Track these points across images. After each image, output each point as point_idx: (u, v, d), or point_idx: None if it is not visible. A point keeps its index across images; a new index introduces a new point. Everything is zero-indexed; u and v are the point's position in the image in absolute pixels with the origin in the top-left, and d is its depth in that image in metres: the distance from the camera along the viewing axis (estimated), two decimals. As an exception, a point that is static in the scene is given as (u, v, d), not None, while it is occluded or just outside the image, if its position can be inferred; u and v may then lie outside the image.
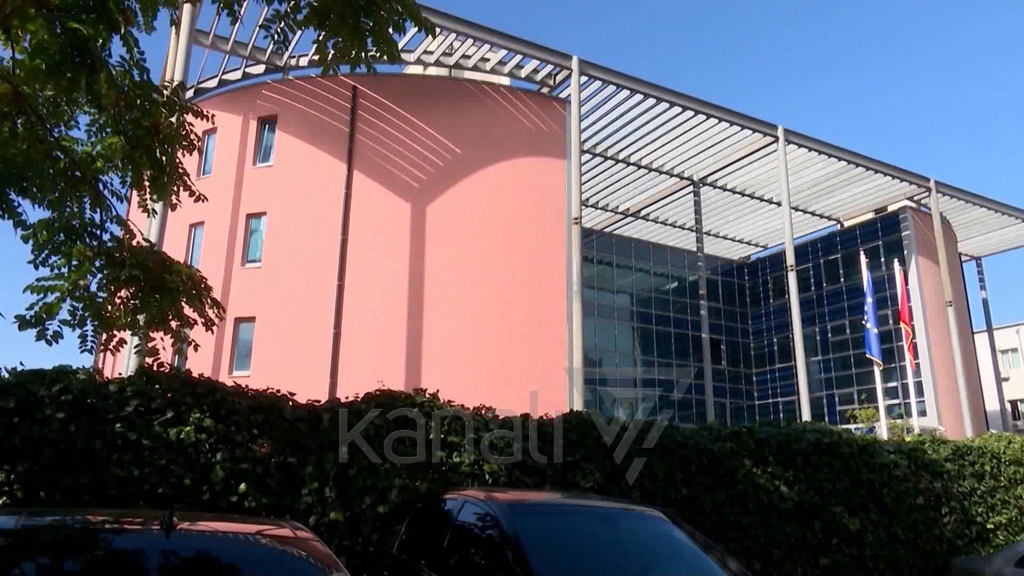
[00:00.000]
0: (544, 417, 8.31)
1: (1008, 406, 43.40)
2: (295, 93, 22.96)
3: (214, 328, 6.73)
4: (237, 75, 24.72)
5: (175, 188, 6.13)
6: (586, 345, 29.63)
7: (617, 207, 36.12)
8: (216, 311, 6.63)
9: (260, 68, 24.40)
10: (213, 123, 6.29)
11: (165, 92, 5.69)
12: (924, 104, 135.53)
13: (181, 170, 6.14)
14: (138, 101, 5.29)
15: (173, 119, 5.79)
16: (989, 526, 11.50)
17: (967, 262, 38.96)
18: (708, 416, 32.01)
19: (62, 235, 5.63)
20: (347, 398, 7.67)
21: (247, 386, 7.12)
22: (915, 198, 33.90)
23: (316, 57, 5.05)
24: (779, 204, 32.09)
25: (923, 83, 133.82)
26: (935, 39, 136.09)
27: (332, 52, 4.97)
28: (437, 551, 5.14)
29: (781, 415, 38.60)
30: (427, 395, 7.86)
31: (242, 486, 6.40)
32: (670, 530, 5.20)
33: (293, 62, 24.31)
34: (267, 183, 22.64)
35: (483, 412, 8.05)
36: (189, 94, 23.06)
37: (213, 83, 24.94)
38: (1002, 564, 9.73)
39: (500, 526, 4.59)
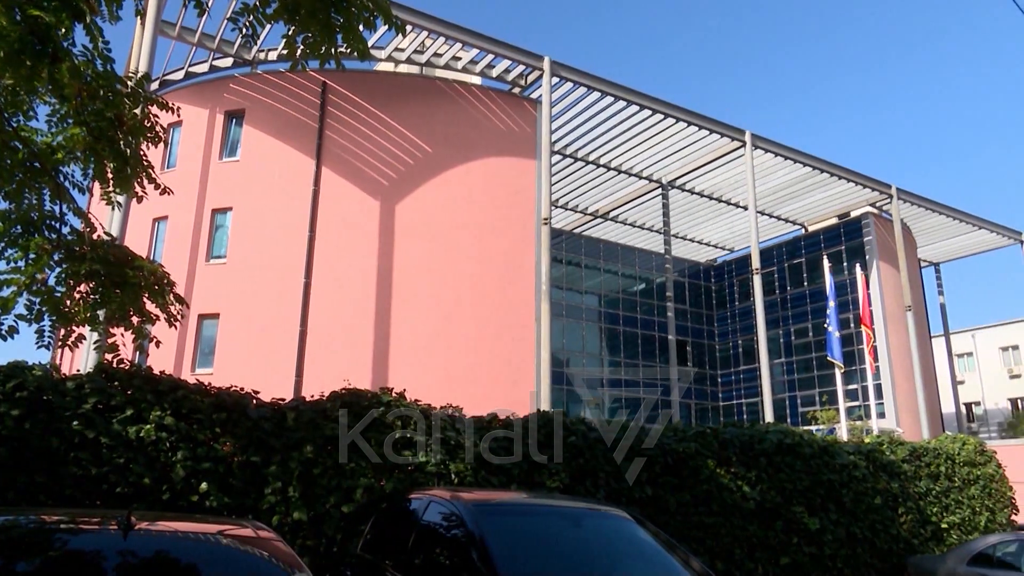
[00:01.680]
0: (512, 417, 8.32)
1: (963, 409, 44.56)
2: (263, 87, 22.67)
3: (177, 325, 6.62)
4: (204, 68, 24.33)
5: (139, 181, 6.01)
6: (554, 345, 29.76)
7: (586, 208, 36.30)
8: (179, 307, 6.52)
9: (228, 61, 24.03)
10: (179, 116, 6.18)
11: (129, 83, 5.58)
12: (887, 112, 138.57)
13: (145, 163, 6.03)
14: (101, 92, 5.19)
15: (137, 111, 5.68)
16: (943, 525, 11.80)
17: (926, 268, 39.87)
18: (674, 417, 32.33)
19: (19, 227, 5.50)
20: (313, 397, 7.61)
21: (210, 384, 7.03)
22: (877, 204, 34.61)
23: (285, 52, 5.00)
24: (745, 208, 32.54)
25: (887, 92, 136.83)
26: (899, 51, 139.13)
27: (301, 47, 4.92)
28: (402, 551, 5.11)
29: (745, 416, 39.14)
30: (394, 394, 7.83)
31: (203, 485, 6.31)
32: (635, 530, 5.24)
33: (262, 56, 23.98)
34: (234, 178, 22.32)
35: (450, 411, 8.04)
36: (154, 86, 22.63)
37: (179, 75, 24.52)
38: (955, 563, 9.99)
39: (465, 526, 4.58)
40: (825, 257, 23.27)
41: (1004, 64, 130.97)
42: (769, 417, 24.45)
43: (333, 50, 4.92)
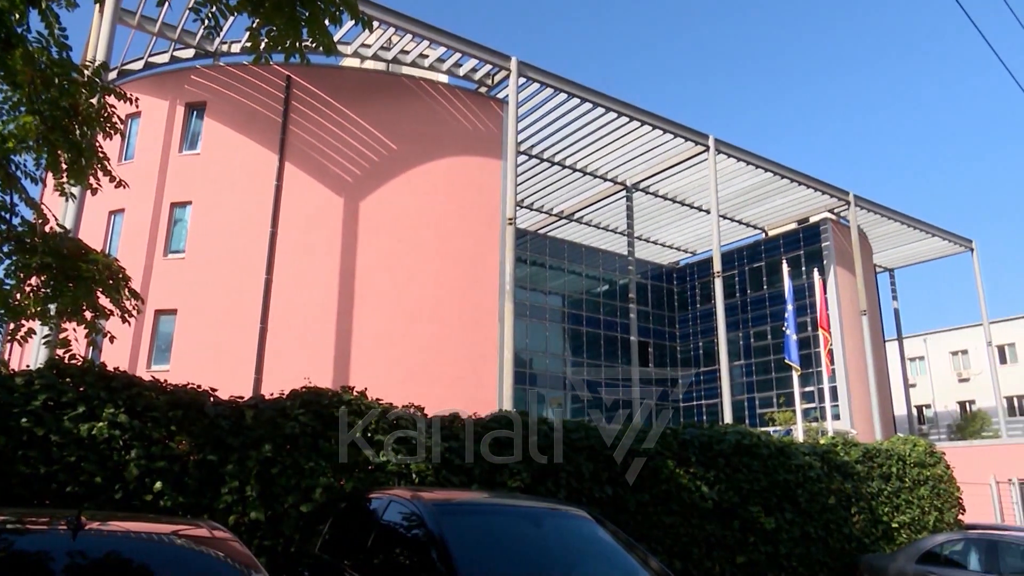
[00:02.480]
0: (473, 416, 8.32)
1: (914, 411, 45.77)
2: (226, 80, 22.29)
3: (132, 320, 6.48)
4: (164, 58, 23.82)
5: (94, 172, 5.87)
6: (517, 345, 29.80)
7: (551, 209, 36.44)
8: (134, 302, 6.39)
9: (189, 52, 23.57)
10: (137, 107, 6.05)
11: (86, 72, 5.45)
12: (847, 121, 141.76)
13: (101, 154, 5.89)
14: (56, 80, 5.06)
15: (94, 100, 5.55)
16: (894, 525, 12.10)
17: (881, 273, 40.84)
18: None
19: (-33, 218, 5.33)
20: (273, 395, 7.50)
21: (166, 381, 6.89)
22: (835, 210, 35.34)
23: (249, 44, 4.92)
24: (708, 212, 32.99)
25: (847, 102, 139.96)
26: (859, 64, 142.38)
27: (266, 40, 4.85)
28: (361, 551, 5.07)
29: (704, 417, 39.65)
30: (355, 393, 7.77)
31: (158, 484, 6.17)
32: (594, 530, 5.27)
33: (224, 48, 23.57)
34: (193, 171, 21.90)
35: (412, 411, 8.00)
36: (112, 76, 22.08)
37: (139, 65, 23.95)
38: (904, 561, 10.25)
39: (426, 525, 4.56)
40: (784, 261, 23.64)
41: (961, 78, 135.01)
42: (728, 418, 24.81)
43: (298, 44, 4.86)
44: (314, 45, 5.00)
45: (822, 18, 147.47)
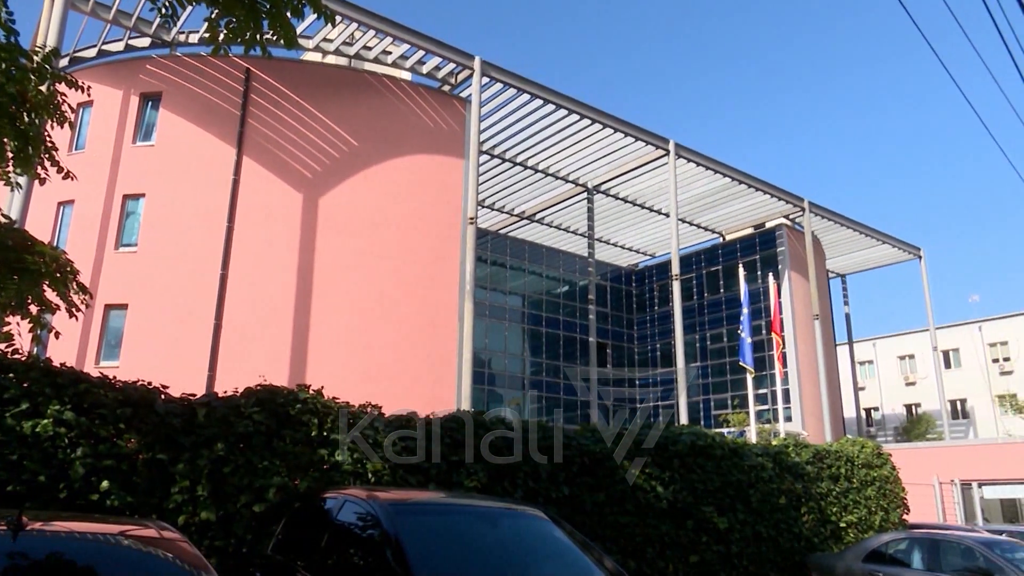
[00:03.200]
0: (431, 416, 8.28)
1: (863, 413, 46.95)
2: (183, 71, 21.81)
3: (79, 315, 6.29)
4: (119, 47, 23.23)
5: (41, 162, 5.69)
6: (476, 345, 29.79)
7: (512, 210, 36.51)
8: (83, 296, 6.21)
9: (145, 41, 23.03)
10: (89, 95, 5.88)
11: (35, 58, 5.28)
12: (802, 129, 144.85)
13: (49, 143, 5.71)
14: (3, 65, 4.89)
15: (43, 88, 5.38)
16: (842, 524, 12.39)
17: (833, 279, 41.82)
18: (592, 417, 32.84)
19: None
20: (226, 393, 7.37)
21: (115, 377, 6.71)
22: (790, 216, 36.09)
23: (207, 35, 4.82)
24: (667, 215, 33.40)
25: (804, 111, 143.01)
26: (819, 74, 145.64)
27: (225, 32, 4.76)
28: (315, 551, 5.01)
29: (661, 418, 40.09)
30: (311, 391, 7.68)
31: (104, 483, 6.01)
32: (550, 530, 5.29)
33: (182, 38, 23.09)
34: (148, 163, 21.38)
35: (369, 410, 7.93)
36: (63, 63, 21.47)
37: (92, 53, 23.32)
38: (852, 560, 10.51)
39: (381, 525, 4.53)
40: (741, 265, 24.11)
41: (917, 92, 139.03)
42: (684, 419, 25.14)
43: (258, 36, 4.78)
44: (275, 38, 4.92)
45: (782, 32, 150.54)
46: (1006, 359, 46.32)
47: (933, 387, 41.72)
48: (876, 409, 51.75)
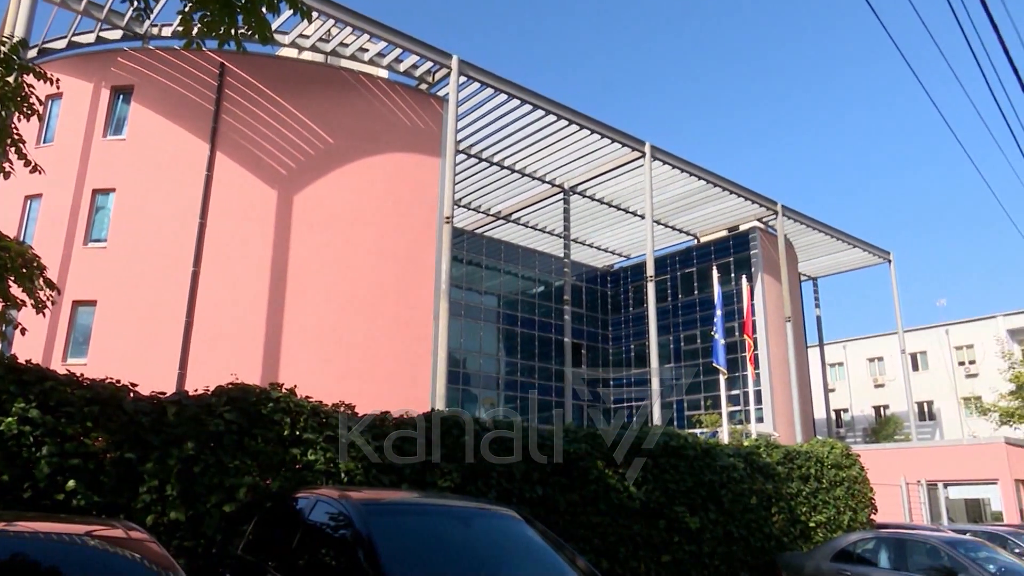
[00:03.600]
0: (405, 416, 8.24)
1: (833, 415, 47.60)
2: (155, 64, 21.49)
3: (46, 311, 6.18)
4: (90, 39, 22.82)
5: (7, 154, 5.58)
6: (452, 345, 29.70)
7: (489, 209, 36.48)
8: (49, 292, 6.10)
9: (117, 34, 22.64)
10: (58, 88, 5.77)
11: (2, 48, 5.17)
12: (776, 134, 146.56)
13: (16, 135, 5.60)
14: (-32, 55, 4.78)
15: (10, 79, 5.27)
16: (811, 524, 12.55)
17: (805, 282, 42.35)
18: (567, 418, 32.93)
19: None
20: (197, 391, 7.27)
21: (83, 375, 6.59)
22: (764, 219, 36.49)
23: (181, 29, 4.76)
24: (643, 217, 33.59)
25: (777, 116, 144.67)
26: (794, 82, 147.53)
27: (199, 26, 4.70)
28: (285, 552, 4.97)
29: (634, 419, 40.30)
30: (284, 390, 7.60)
31: (71, 483, 5.90)
32: (523, 530, 5.29)
33: (155, 31, 22.73)
34: (118, 157, 21.03)
35: (342, 409, 7.88)
36: (32, 54, 21.03)
37: (62, 44, 22.89)
38: (820, 559, 10.64)
39: (353, 525, 4.50)
40: (715, 268, 24.30)
41: (887, 99, 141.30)
42: (657, 419, 25.29)
43: (233, 31, 4.73)
44: (250, 33, 4.87)
45: (755, 40, 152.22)
46: (971, 362, 47.25)
47: (901, 389, 42.46)
48: (846, 410, 52.49)
